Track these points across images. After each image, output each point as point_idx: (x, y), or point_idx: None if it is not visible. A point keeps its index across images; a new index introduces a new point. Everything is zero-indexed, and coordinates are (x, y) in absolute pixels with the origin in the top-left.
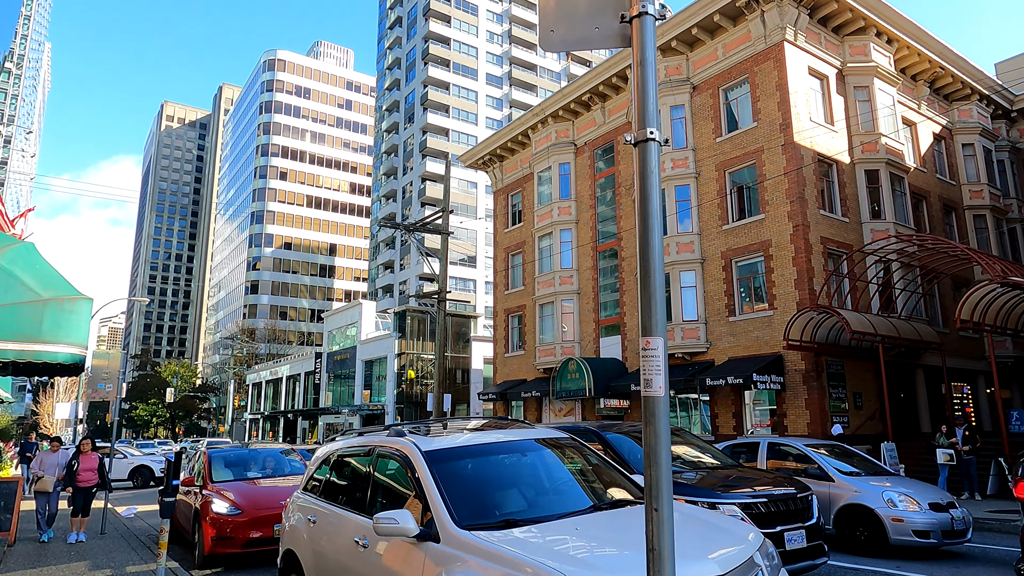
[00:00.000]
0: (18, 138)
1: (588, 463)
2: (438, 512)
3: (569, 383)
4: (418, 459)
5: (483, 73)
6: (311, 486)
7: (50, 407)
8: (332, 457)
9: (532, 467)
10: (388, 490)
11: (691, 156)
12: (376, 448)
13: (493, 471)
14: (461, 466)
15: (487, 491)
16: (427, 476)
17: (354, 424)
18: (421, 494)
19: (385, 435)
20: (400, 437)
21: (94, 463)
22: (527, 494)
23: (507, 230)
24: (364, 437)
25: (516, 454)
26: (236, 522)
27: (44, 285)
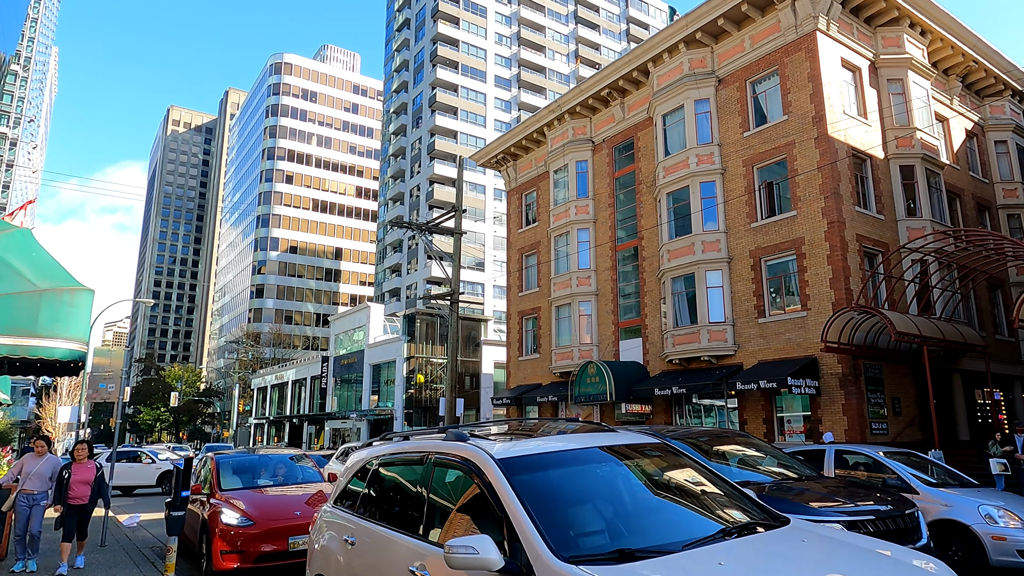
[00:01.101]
0: (24, 140)
1: (694, 474)
2: (528, 539)
3: (588, 387)
4: (492, 469)
5: (491, 75)
6: (345, 499)
7: (53, 410)
8: (372, 465)
9: (632, 480)
10: (448, 507)
11: (716, 151)
12: (431, 455)
13: (587, 485)
14: (547, 479)
15: (585, 511)
16: (507, 491)
17: (361, 430)
18: (499, 514)
19: (441, 438)
20: (461, 441)
21: (90, 474)
22: (633, 515)
23: (521, 230)
24: (413, 441)
25: (609, 463)
26: (248, 534)
27: (41, 275)
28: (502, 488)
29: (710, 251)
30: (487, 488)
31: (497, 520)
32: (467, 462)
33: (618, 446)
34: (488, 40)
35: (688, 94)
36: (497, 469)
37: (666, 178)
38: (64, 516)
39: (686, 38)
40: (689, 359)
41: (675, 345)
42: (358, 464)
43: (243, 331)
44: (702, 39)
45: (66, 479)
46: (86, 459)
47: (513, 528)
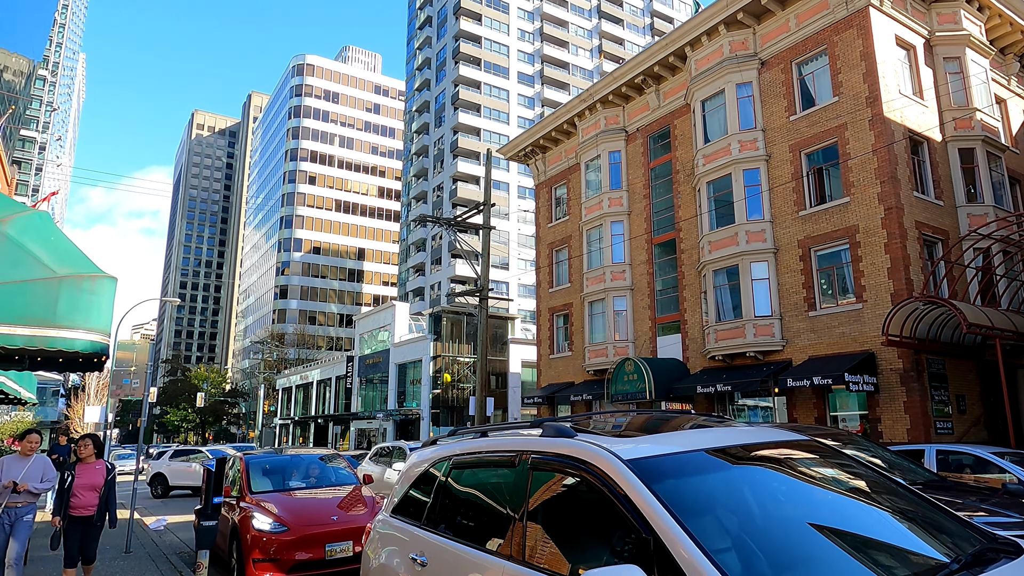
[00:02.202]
0: (52, 145)
1: (876, 481)
2: (698, 572)
3: (626, 385)
4: (623, 474)
5: (514, 71)
6: (407, 508)
7: (81, 410)
8: (442, 468)
9: (813, 490)
10: (557, 522)
11: (760, 137)
12: (526, 455)
13: (762, 497)
14: (707, 488)
15: (768, 534)
16: (652, 505)
17: (388, 430)
18: (642, 535)
19: (538, 434)
20: (565, 437)
21: (98, 478)
22: (828, 537)
23: (551, 225)
24: (496, 438)
25: (784, 467)
26: (281, 541)
27: (59, 260)
28: (643, 500)
29: (755, 241)
30: (619, 499)
31: (635, 542)
32: (581, 464)
33: (774, 443)
34: (511, 36)
35: (729, 78)
36: (630, 474)
37: (706, 166)
38: (65, 532)
39: (727, 19)
40: (733, 355)
41: (718, 340)
42: (421, 467)
43: (268, 332)
44: (744, 20)
45: (68, 484)
46: (93, 458)
47: (668, 554)
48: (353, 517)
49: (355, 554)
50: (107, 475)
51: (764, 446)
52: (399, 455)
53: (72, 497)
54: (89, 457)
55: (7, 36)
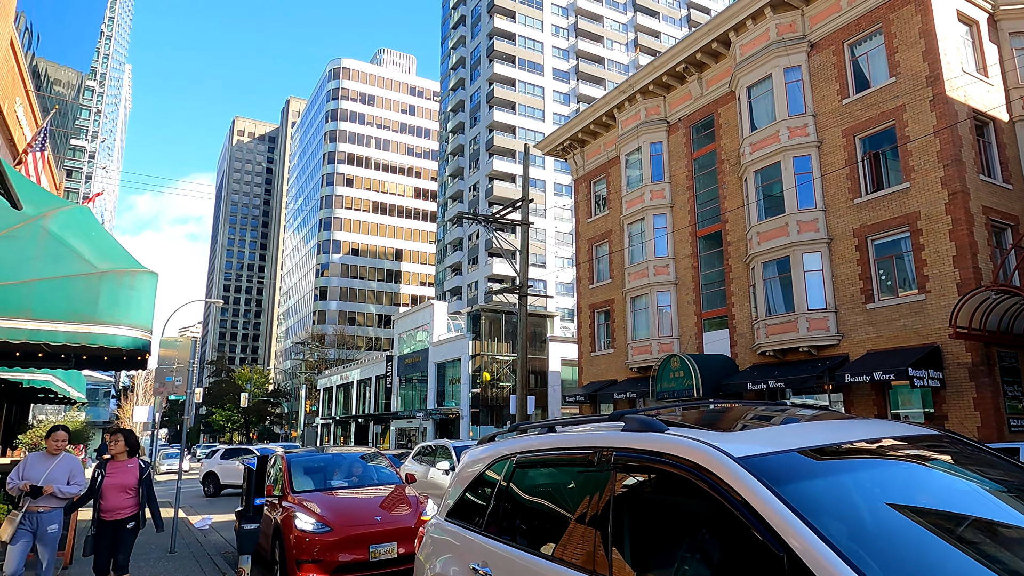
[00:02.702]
0: (100, 151)
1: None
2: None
3: (672, 383)
4: (738, 476)
5: (549, 68)
6: (464, 512)
7: (130, 410)
8: (504, 468)
9: (978, 496)
10: (652, 532)
11: (811, 123)
12: (608, 452)
13: (914, 503)
14: (845, 493)
15: (928, 550)
16: (784, 515)
17: (428, 429)
18: (774, 551)
19: (617, 428)
20: (654, 431)
21: (130, 478)
22: (1001, 559)
23: (590, 220)
24: (568, 433)
25: (931, 466)
26: (325, 542)
27: (100, 255)
28: (771, 508)
29: (807, 231)
30: (735, 506)
31: (758, 558)
32: (679, 463)
33: (906, 438)
34: (545, 32)
35: (776, 62)
36: (748, 476)
37: (753, 155)
38: (95, 539)
39: (772, 1)
40: (785, 350)
41: (768, 336)
42: (478, 467)
43: (308, 333)
44: (791, 1)
45: (98, 484)
46: (125, 456)
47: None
48: (397, 517)
49: (399, 556)
50: (141, 475)
51: (901, 442)
52: (443, 454)
53: (101, 499)
54: (121, 455)
55: (56, 48)
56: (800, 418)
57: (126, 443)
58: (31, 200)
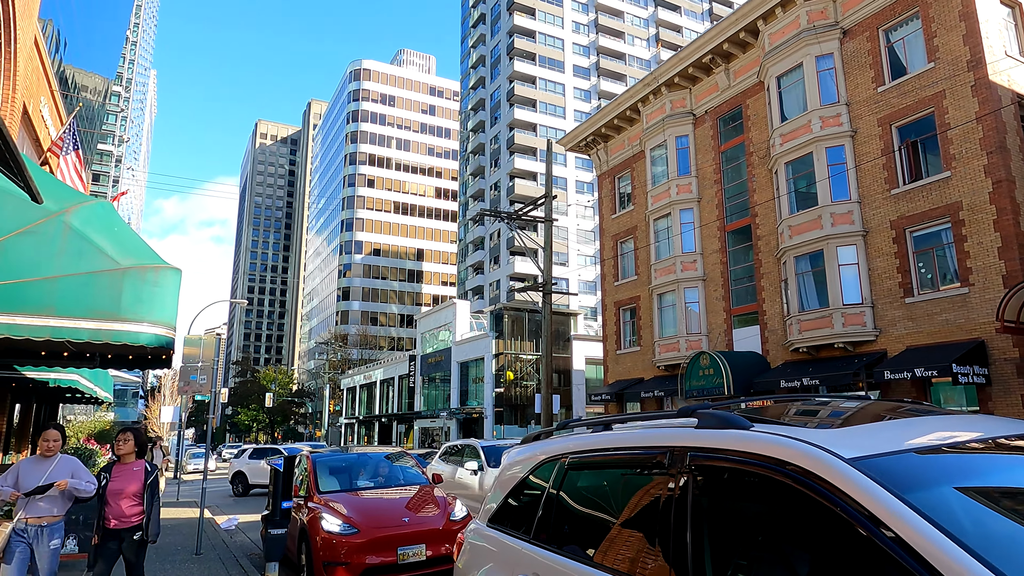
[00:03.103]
0: (128, 158)
1: None
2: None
3: (701, 380)
4: (855, 481)
5: (570, 65)
6: (509, 517)
7: (158, 411)
8: (553, 469)
9: None
10: (738, 545)
11: (844, 112)
12: (681, 453)
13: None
14: (985, 502)
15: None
16: (922, 529)
17: (451, 428)
18: (913, 573)
19: (694, 425)
20: (740, 429)
21: (135, 482)
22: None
23: (615, 216)
24: (629, 432)
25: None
26: (351, 544)
27: (123, 251)
28: (904, 522)
29: (841, 224)
30: (855, 517)
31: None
32: (772, 465)
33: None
34: (565, 29)
35: (807, 50)
36: (868, 481)
37: (783, 146)
38: (98, 550)
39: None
40: (818, 347)
41: (801, 332)
42: (524, 468)
43: (331, 333)
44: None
45: (103, 485)
46: (133, 457)
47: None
48: (425, 519)
49: (428, 558)
50: (146, 478)
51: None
52: (470, 454)
53: (105, 505)
54: (128, 456)
55: (83, 55)
56: (895, 413)
57: (136, 443)
58: (52, 195)
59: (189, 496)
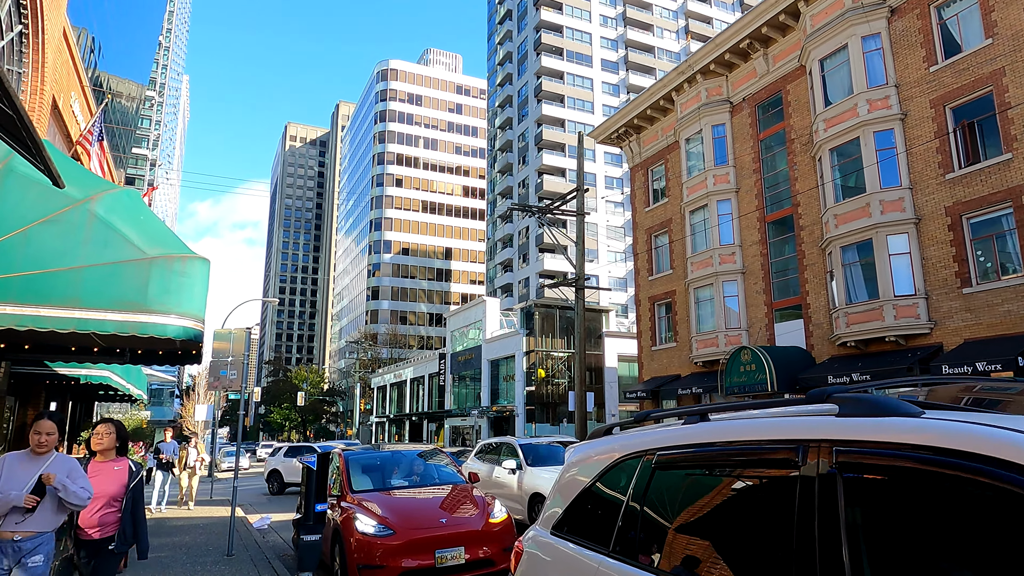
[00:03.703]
0: (162, 162)
1: None
2: None
3: (742, 377)
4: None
5: (598, 59)
6: (578, 525)
7: (192, 409)
8: (635, 468)
9: None
10: (927, 563)
11: (893, 94)
12: (821, 446)
13: None
14: None
15: None
16: None
17: (482, 427)
18: None
19: (834, 412)
20: (904, 417)
21: (115, 484)
22: None
23: (648, 209)
24: (737, 422)
25: None
26: (387, 546)
27: (149, 240)
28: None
29: (891, 211)
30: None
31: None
32: (972, 463)
33: None
34: (592, 23)
35: (852, 31)
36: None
37: (827, 132)
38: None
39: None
40: (867, 340)
41: (849, 325)
42: (597, 466)
43: (361, 333)
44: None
45: None
46: (113, 454)
47: None
48: (464, 520)
49: (467, 562)
50: (129, 480)
51: None
52: (508, 452)
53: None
54: (108, 452)
55: (117, 62)
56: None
57: (118, 437)
58: (76, 182)
59: (222, 494)
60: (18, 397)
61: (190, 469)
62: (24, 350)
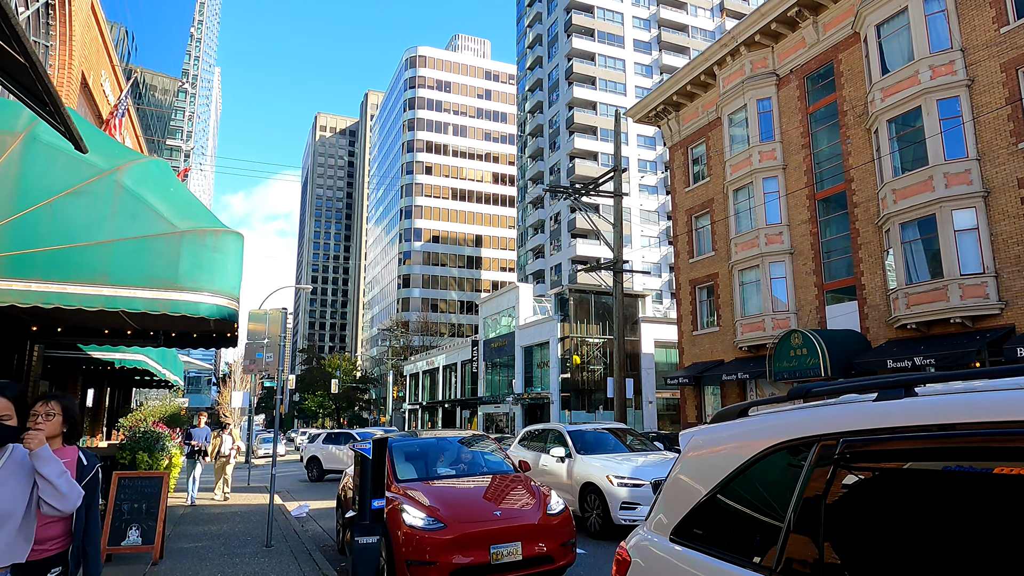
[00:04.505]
0: (196, 154)
1: None
2: None
3: (793, 362)
4: None
5: (630, 40)
6: (714, 531)
7: (228, 397)
8: (812, 458)
9: None
10: None
11: (959, 58)
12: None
13: None
14: None
15: None
16: None
17: (516, 414)
18: None
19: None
20: None
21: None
22: None
23: (688, 189)
24: (965, 397)
25: None
26: (438, 540)
27: (179, 213)
28: None
29: (956, 185)
30: None
31: None
32: None
33: None
34: (624, 2)
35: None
36: None
37: (885, 102)
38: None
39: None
40: (930, 322)
41: (910, 306)
42: (737, 457)
43: (393, 320)
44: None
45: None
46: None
47: None
48: (520, 512)
49: (524, 559)
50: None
51: None
52: (555, 439)
53: None
54: (54, 439)
55: (150, 55)
56: None
57: (65, 419)
58: (102, 151)
59: (259, 480)
60: (54, 383)
61: (224, 458)
62: (57, 333)
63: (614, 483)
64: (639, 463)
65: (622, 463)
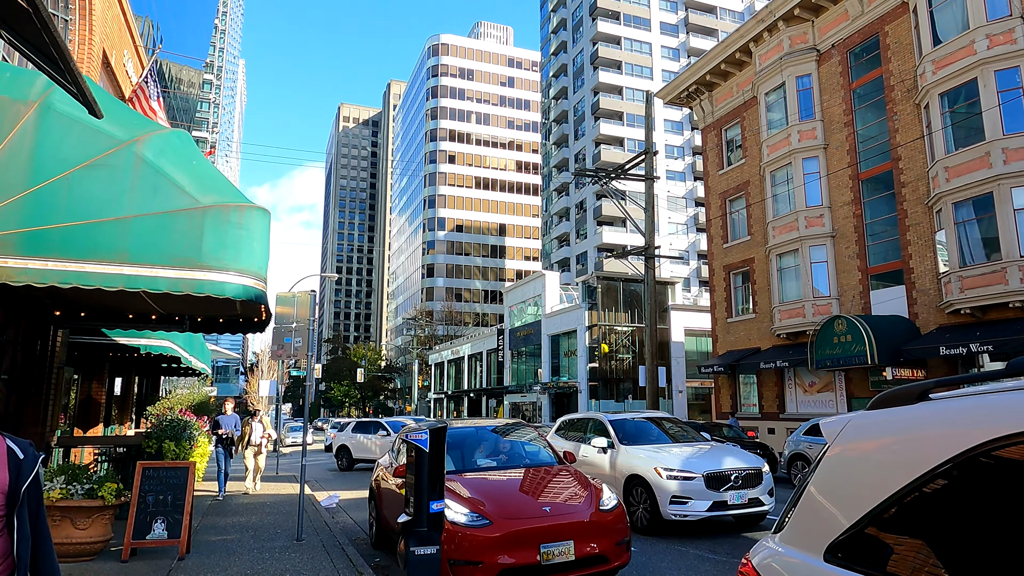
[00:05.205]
0: (221, 145)
1: None
2: None
3: (836, 349)
4: None
5: (656, 22)
6: (886, 552)
7: (256, 385)
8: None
9: None
10: None
11: (1019, 26)
12: None
13: None
14: None
15: None
16: None
17: (543, 403)
18: None
19: None
20: None
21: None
22: None
23: (722, 172)
24: None
25: None
26: (484, 538)
27: (202, 188)
28: None
29: (1017, 161)
30: None
31: None
32: None
33: None
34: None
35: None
36: None
37: (937, 74)
38: None
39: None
40: (986, 307)
41: (963, 290)
42: (925, 458)
43: (417, 310)
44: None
45: None
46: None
47: None
48: (570, 508)
49: (577, 559)
50: (13, 479)
51: None
52: (596, 428)
53: None
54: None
55: (175, 44)
56: None
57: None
58: (120, 121)
59: (288, 469)
60: (81, 370)
61: (255, 447)
62: (80, 317)
63: (663, 476)
64: (687, 454)
65: (670, 454)
